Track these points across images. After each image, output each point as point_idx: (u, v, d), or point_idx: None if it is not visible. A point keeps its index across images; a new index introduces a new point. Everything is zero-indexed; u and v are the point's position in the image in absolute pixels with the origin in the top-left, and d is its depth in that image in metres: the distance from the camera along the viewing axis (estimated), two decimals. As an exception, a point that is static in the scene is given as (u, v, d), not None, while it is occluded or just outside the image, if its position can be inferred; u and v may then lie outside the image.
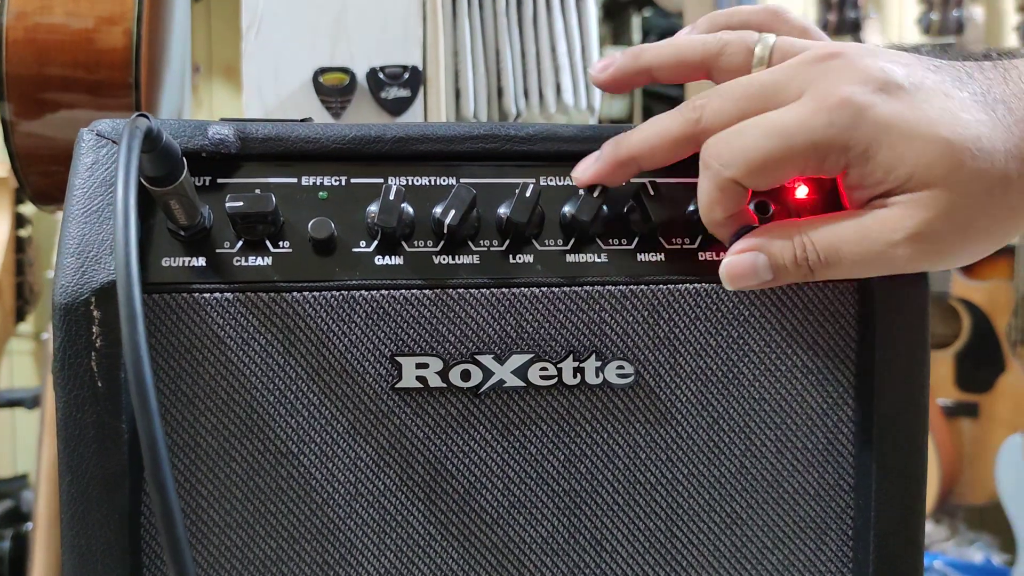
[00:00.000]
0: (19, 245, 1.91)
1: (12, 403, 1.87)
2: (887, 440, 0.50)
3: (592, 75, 0.55)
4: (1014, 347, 2.21)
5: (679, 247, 0.51)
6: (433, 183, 0.50)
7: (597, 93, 1.23)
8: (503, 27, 1.17)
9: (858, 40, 2.14)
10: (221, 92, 2.46)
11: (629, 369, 0.50)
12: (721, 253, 0.49)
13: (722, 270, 0.48)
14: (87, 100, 0.87)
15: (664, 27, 2.65)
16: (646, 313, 0.50)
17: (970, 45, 2.47)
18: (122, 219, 0.40)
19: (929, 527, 2.35)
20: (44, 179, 0.91)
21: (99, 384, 0.45)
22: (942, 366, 2.26)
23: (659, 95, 2.62)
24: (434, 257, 0.49)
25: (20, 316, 1.94)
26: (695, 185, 0.48)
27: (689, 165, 0.50)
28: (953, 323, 2.28)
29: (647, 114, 2.59)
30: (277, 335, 0.48)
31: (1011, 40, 2.47)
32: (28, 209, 1.94)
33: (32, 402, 1.81)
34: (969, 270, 2.31)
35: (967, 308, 2.25)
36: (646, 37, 2.66)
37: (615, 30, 2.72)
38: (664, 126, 0.48)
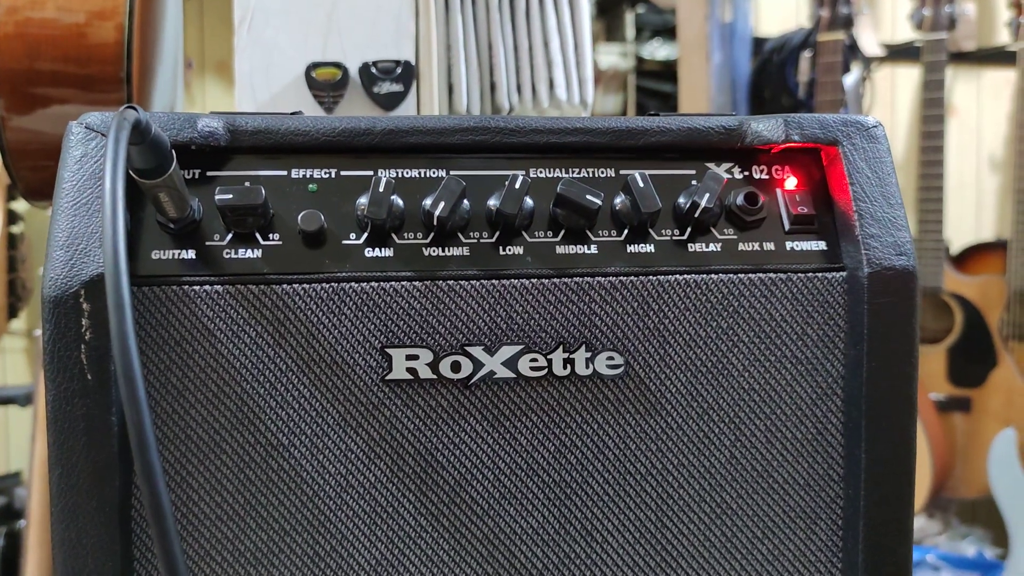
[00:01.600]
0: (11, 242, 1.91)
1: (5, 401, 1.86)
2: (876, 430, 0.51)
3: None
4: (1006, 342, 2.22)
5: (669, 238, 0.51)
6: (423, 175, 0.50)
7: (590, 88, 1.23)
8: (496, 22, 1.17)
9: (851, 36, 2.14)
10: (214, 87, 2.45)
11: (619, 360, 0.50)
12: (710, 245, 0.50)
13: None
14: (78, 95, 0.87)
15: (658, 23, 2.64)
16: (636, 304, 0.50)
17: (962, 41, 2.47)
18: (110, 211, 0.40)
19: (922, 521, 2.36)
20: (35, 174, 0.91)
21: (88, 377, 0.45)
22: (934, 361, 2.27)
23: (653, 91, 2.62)
24: (424, 249, 0.49)
25: (12, 313, 1.93)
26: (685, 176, 0.48)
27: (679, 157, 0.50)
28: (945, 318, 2.29)
29: (640, 110, 2.59)
30: (267, 327, 0.48)
31: (1003, 36, 2.47)
32: (20, 206, 1.94)
33: (25, 399, 1.80)
34: (962, 265, 2.31)
35: (959, 303, 2.26)
36: (639, 33, 2.65)
37: (608, 26, 2.72)
38: None
